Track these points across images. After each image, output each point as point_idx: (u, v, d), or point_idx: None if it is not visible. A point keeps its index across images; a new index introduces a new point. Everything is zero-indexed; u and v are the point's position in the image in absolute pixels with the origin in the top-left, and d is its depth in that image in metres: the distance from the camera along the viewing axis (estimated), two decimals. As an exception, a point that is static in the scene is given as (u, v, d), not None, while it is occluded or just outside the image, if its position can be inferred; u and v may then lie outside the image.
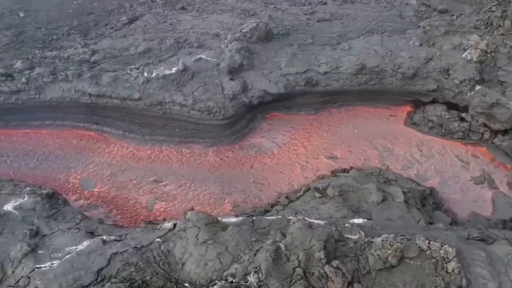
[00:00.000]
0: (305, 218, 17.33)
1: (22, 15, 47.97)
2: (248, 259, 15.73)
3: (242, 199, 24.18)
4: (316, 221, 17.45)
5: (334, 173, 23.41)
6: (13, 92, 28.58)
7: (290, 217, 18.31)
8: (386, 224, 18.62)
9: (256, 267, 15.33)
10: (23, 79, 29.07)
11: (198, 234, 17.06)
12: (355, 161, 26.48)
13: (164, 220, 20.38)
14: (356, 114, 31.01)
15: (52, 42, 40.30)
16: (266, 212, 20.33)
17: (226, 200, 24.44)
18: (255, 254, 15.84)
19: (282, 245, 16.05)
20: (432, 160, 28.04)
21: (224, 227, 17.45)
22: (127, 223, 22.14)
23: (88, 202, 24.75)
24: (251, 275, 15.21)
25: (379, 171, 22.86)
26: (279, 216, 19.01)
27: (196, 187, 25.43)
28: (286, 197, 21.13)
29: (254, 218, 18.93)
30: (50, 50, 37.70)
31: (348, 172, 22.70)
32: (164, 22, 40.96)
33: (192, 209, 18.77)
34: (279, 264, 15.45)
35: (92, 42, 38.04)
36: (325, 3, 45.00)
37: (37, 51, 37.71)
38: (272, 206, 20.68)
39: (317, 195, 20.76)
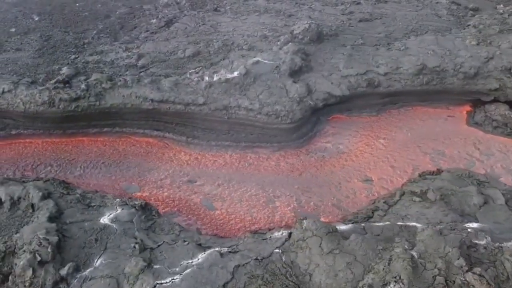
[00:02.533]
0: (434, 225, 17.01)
1: (37, 19, 46.90)
2: (384, 269, 15.39)
3: (325, 205, 23.77)
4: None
5: (422, 175, 23.13)
6: (72, 99, 27.73)
7: (411, 224, 17.99)
8: (497, 227, 18.43)
9: (395, 277, 14.98)
10: (83, 86, 28.23)
11: (321, 243, 16.66)
12: (429, 163, 26.32)
13: (269, 229, 19.83)
14: (415, 115, 30.77)
15: (85, 46, 39.45)
16: (368, 218, 19.94)
17: (306, 207, 23.96)
18: (389, 263, 15.46)
19: (414, 253, 15.70)
20: (493, 158, 27.91)
21: (344, 235, 17.03)
22: (219, 232, 21.50)
23: (164, 211, 24.04)
24: (391, 285, 14.85)
25: (468, 172, 22.65)
26: (388, 222, 18.65)
27: (270, 192, 24.93)
28: (384, 201, 20.79)
29: (363, 225, 18.53)
30: (90, 54, 36.81)
31: (436, 175, 22.40)
32: (204, 24, 40.34)
33: (305, 218, 18.30)
34: (418, 273, 15.14)
35: (134, 46, 37.24)
36: (359, 3, 44.86)
37: (73, 56, 36.87)
38: (373, 211, 20.30)
39: (416, 199, 20.50)
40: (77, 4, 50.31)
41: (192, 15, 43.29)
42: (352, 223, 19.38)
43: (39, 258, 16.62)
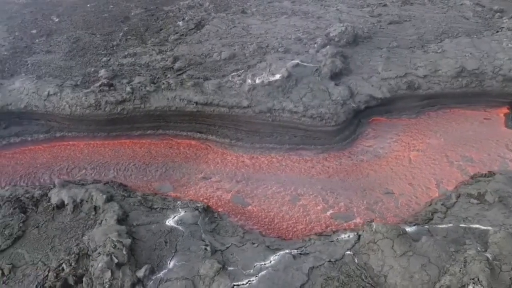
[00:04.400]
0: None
1: (56, 20, 47.25)
2: (460, 270, 15.66)
3: (376, 208, 24.05)
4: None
5: (474, 177, 23.43)
6: (118, 102, 28.03)
7: (474, 226, 18.31)
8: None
9: (473, 278, 15.26)
10: (128, 89, 28.50)
11: (393, 246, 16.93)
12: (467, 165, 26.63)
13: (334, 232, 20.11)
14: (452, 118, 31.04)
15: (114, 48, 39.75)
16: (429, 220, 20.23)
17: (355, 210, 24.20)
18: (464, 265, 15.74)
19: (488, 255, 15.99)
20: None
21: (411, 237, 17.31)
22: (275, 234, 21.76)
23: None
24: (470, 287, 15.12)
25: (517, 174, 22.97)
26: (451, 224, 18.94)
27: (316, 194, 25.16)
28: (442, 203, 21.08)
29: (427, 227, 18.83)
30: (123, 57, 37.04)
31: (489, 177, 22.70)
32: (235, 26, 40.59)
33: (372, 220, 18.58)
34: (495, 274, 15.42)
35: (167, 48, 37.48)
36: (385, 5, 45.15)
37: (104, 58, 37.14)
38: (432, 213, 20.58)
39: (474, 201, 20.79)
40: (88, 5, 50.71)
41: (221, 18, 43.54)
42: (414, 225, 19.63)
43: (116, 260, 16.89)
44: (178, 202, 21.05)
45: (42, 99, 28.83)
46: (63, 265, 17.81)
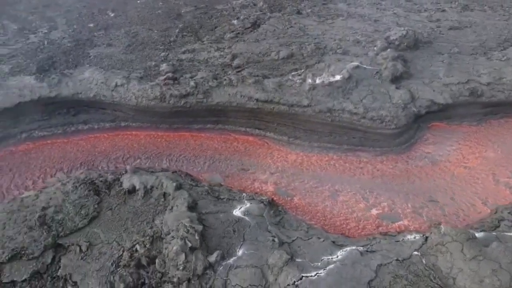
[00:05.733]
0: None
1: (112, 15, 49.05)
2: (534, 278, 15.48)
3: (423, 212, 23.89)
4: None
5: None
6: (182, 95, 28.99)
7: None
8: None
9: (548, 287, 15.07)
10: (192, 83, 29.43)
11: (462, 249, 16.90)
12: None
13: (398, 232, 20.26)
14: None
15: (171, 43, 40.82)
16: (495, 227, 20.03)
17: (400, 212, 24.09)
18: (539, 273, 15.58)
19: None
20: None
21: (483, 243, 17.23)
22: (332, 230, 22.05)
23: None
24: (544, 295, 14.96)
25: None
26: (521, 233, 18.71)
27: (377, 196, 25.23)
28: (509, 212, 20.80)
29: (494, 233, 18.66)
30: (183, 52, 38.09)
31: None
32: (291, 27, 41.05)
33: (440, 223, 18.64)
34: None
35: (225, 46, 38.26)
36: (443, 10, 44.55)
37: (162, 53, 38.20)
38: (499, 221, 20.36)
39: (543, 211, 20.41)
40: (138, 1, 52.43)
41: (277, 18, 44.13)
42: (481, 231, 19.49)
43: (189, 244, 17.65)
44: (244, 194, 21.70)
45: (110, 90, 30.17)
46: (137, 246, 18.72)
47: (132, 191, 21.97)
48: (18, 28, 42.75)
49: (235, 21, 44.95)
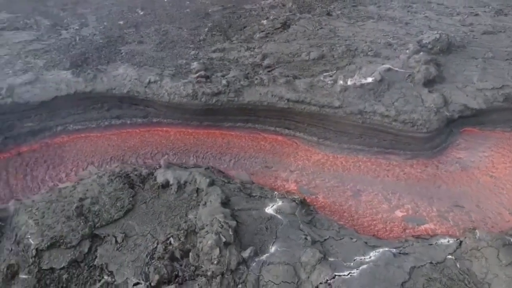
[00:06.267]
0: None
1: (141, 13, 49.79)
2: None
3: (449, 217, 23.66)
4: None
5: None
6: (214, 93, 29.35)
7: None
8: None
9: None
10: (224, 82, 29.79)
11: (498, 255, 16.75)
12: None
13: (432, 236, 20.19)
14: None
15: (201, 42, 41.27)
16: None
17: (425, 215, 23.91)
18: None
19: None
20: None
21: (519, 249, 17.01)
22: (361, 231, 22.06)
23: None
24: None
25: None
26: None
27: (400, 198, 25.12)
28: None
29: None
30: (213, 51, 38.51)
31: None
32: (321, 28, 41.11)
33: (475, 228, 18.52)
34: None
35: (255, 45, 38.53)
36: (477, 14, 43.92)
37: (192, 52, 38.67)
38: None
39: None
40: (166, 0, 53.07)
41: (307, 18, 44.25)
42: None
43: (224, 239, 17.95)
44: (275, 192, 21.91)
45: (143, 86, 30.75)
46: (171, 239, 19.12)
47: (165, 185, 22.41)
48: (50, 24, 43.83)
49: (264, 21, 45.22)
